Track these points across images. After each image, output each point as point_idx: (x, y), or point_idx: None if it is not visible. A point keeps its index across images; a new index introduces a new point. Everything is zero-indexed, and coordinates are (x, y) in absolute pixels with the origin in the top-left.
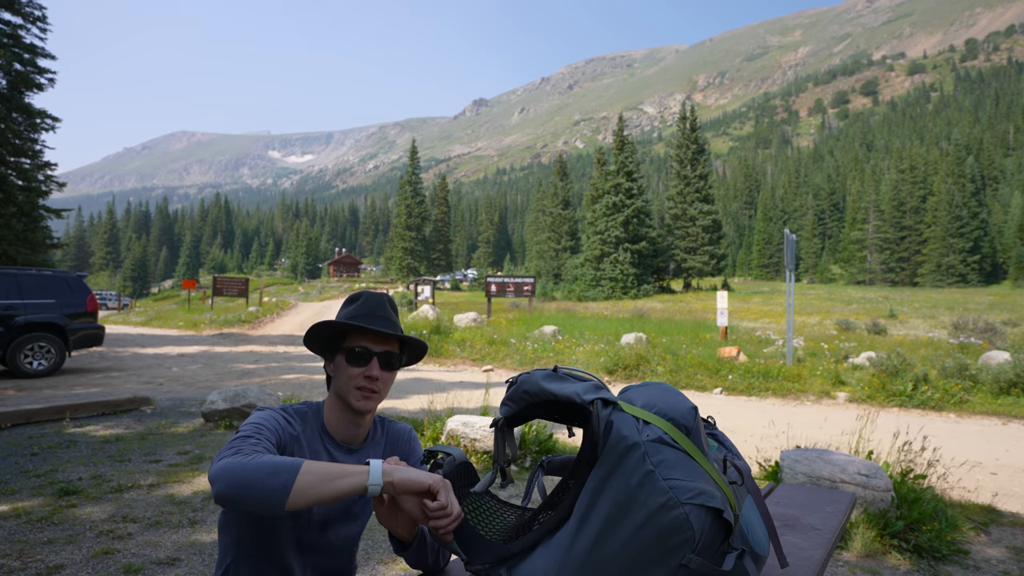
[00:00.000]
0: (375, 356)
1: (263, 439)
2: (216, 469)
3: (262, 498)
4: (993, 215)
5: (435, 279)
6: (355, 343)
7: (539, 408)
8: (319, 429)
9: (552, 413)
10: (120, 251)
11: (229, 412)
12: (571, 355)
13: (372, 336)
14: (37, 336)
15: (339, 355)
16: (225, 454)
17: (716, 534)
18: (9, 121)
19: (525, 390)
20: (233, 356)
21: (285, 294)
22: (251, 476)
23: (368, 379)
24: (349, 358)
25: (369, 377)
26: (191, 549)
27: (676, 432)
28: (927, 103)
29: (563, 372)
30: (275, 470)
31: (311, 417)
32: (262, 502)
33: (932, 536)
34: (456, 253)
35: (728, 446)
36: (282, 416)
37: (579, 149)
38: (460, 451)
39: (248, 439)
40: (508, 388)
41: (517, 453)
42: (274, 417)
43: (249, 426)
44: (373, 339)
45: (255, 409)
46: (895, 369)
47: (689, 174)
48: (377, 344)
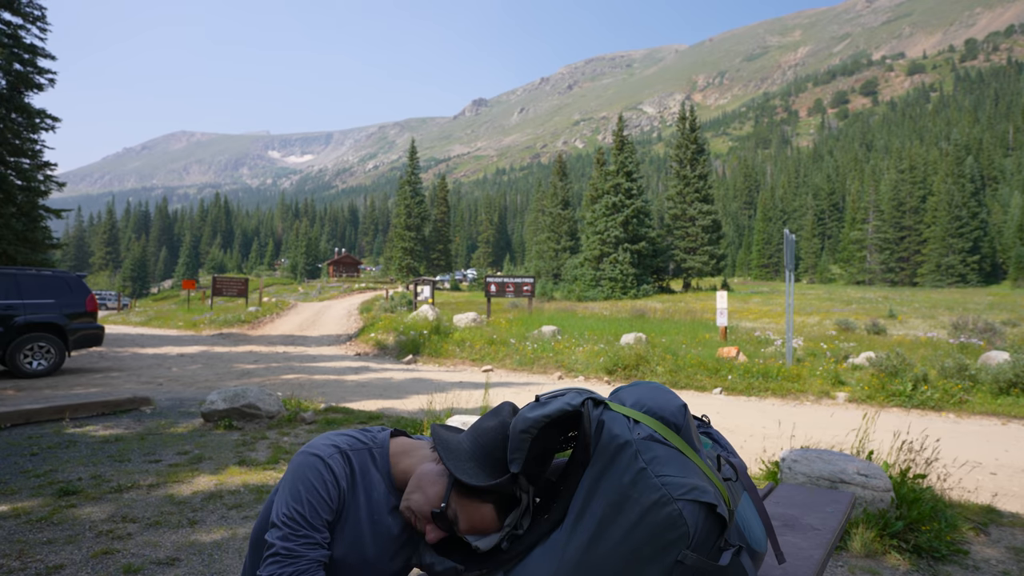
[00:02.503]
0: (448, 523)
1: (306, 558)
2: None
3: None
4: (993, 215)
5: (435, 279)
6: (441, 506)
7: (543, 441)
8: (385, 475)
9: (559, 440)
10: (120, 251)
11: (229, 412)
12: (570, 355)
13: (478, 513)
14: (37, 336)
15: (474, 500)
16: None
17: (711, 530)
18: (9, 121)
19: (521, 431)
20: (233, 356)
21: (285, 294)
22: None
23: (424, 533)
24: (440, 521)
25: (427, 537)
26: (191, 549)
27: (666, 430)
28: (927, 103)
29: (545, 397)
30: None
31: (378, 457)
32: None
33: (931, 536)
34: (456, 253)
35: (723, 444)
36: (330, 475)
37: (579, 149)
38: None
39: (289, 562)
40: (510, 443)
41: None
42: (318, 490)
43: (288, 526)
44: (475, 521)
45: (302, 455)
46: (895, 369)
47: (689, 174)
48: (469, 526)
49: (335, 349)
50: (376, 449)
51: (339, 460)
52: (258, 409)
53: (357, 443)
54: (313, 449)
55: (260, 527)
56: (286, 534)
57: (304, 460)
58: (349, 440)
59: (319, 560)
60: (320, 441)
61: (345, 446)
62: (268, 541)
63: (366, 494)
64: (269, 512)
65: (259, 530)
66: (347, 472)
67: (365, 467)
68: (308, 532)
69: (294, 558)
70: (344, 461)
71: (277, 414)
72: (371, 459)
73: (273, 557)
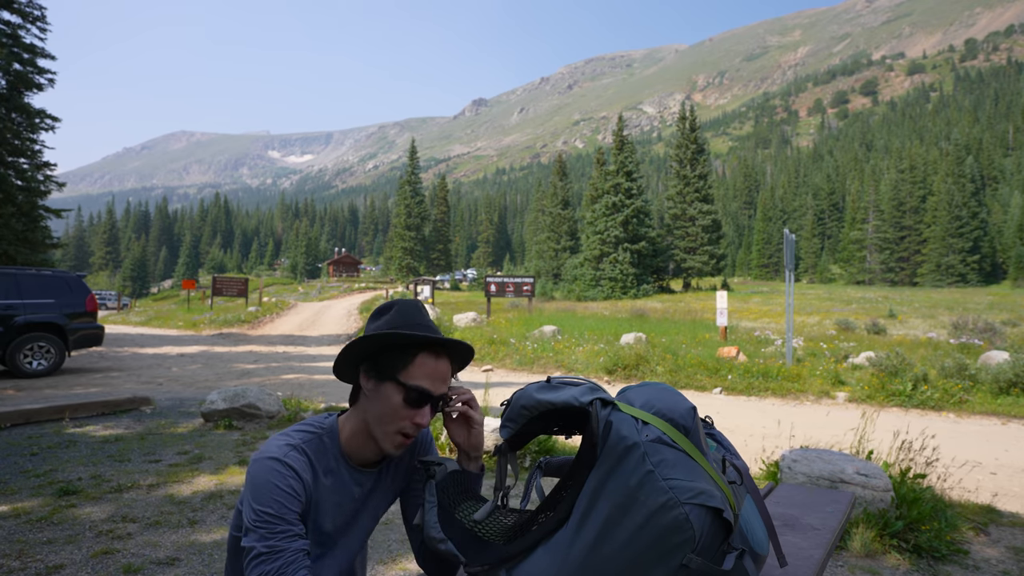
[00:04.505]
0: (431, 401)
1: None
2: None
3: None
4: (993, 215)
5: (434, 279)
6: (417, 381)
7: (538, 422)
8: (337, 454)
9: (551, 426)
10: (120, 251)
11: (229, 412)
12: (571, 355)
13: (437, 373)
14: (37, 336)
15: (389, 384)
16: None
17: (716, 534)
18: (8, 121)
19: (522, 405)
20: (233, 356)
21: (285, 294)
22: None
23: (416, 425)
24: (407, 398)
25: (418, 424)
26: (191, 549)
27: (675, 432)
28: (927, 103)
29: (556, 381)
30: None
31: (327, 442)
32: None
33: (931, 536)
34: (456, 253)
35: (726, 446)
36: (290, 471)
37: (579, 149)
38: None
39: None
40: (504, 409)
41: (518, 476)
42: (282, 488)
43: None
44: (436, 377)
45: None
46: (894, 369)
47: (688, 174)
48: (439, 385)
49: (335, 349)
50: (326, 435)
51: (295, 455)
52: (258, 409)
53: (307, 435)
54: (266, 453)
55: (234, 535)
56: (263, 534)
57: (260, 466)
58: (299, 434)
59: (302, 549)
60: (271, 444)
61: (297, 440)
62: (246, 547)
63: (328, 478)
64: (240, 520)
65: (234, 538)
66: (306, 463)
67: (321, 453)
68: (284, 527)
69: (277, 553)
70: (300, 454)
71: (277, 414)
72: (324, 444)
73: (256, 559)
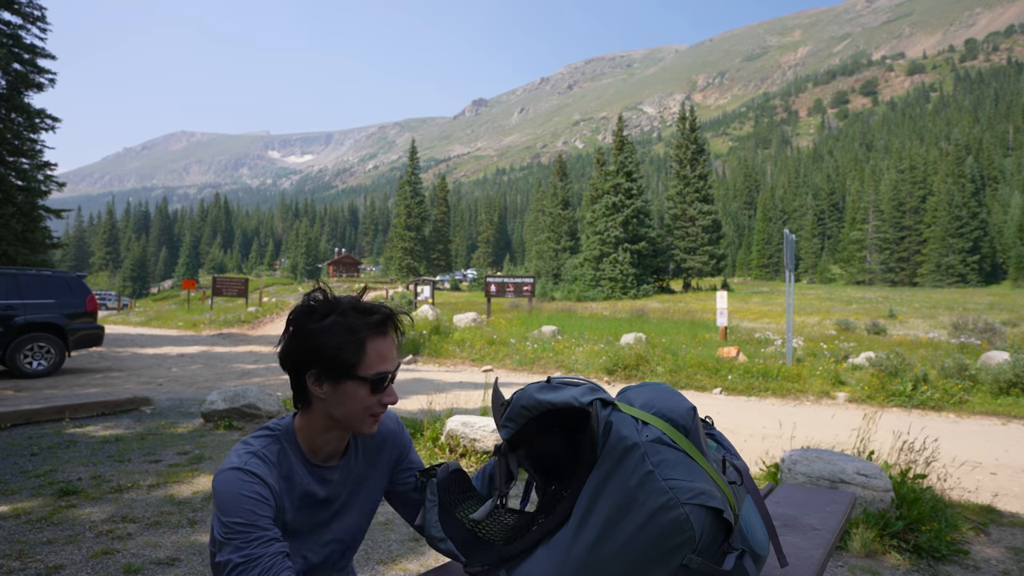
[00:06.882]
0: (390, 375)
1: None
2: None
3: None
4: (993, 215)
5: (435, 279)
6: (375, 367)
7: (537, 423)
8: (296, 455)
9: (551, 427)
10: (120, 251)
11: (229, 412)
12: (571, 355)
13: (388, 349)
14: (37, 336)
15: (348, 383)
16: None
17: (716, 534)
18: (8, 121)
19: (522, 405)
20: (233, 356)
21: (285, 294)
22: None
23: (385, 404)
24: (373, 388)
25: (387, 403)
26: (191, 549)
27: (675, 432)
28: (927, 103)
29: (557, 381)
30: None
31: (285, 445)
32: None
33: (932, 536)
34: (456, 253)
35: (726, 446)
36: (254, 478)
37: (579, 149)
38: (453, 461)
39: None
40: (504, 409)
41: (518, 476)
42: (249, 496)
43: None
44: (389, 354)
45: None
46: (895, 369)
47: (688, 174)
48: (393, 358)
49: None
50: (283, 435)
51: (256, 462)
52: (258, 409)
53: (265, 439)
54: (228, 464)
55: (212, 550)
56: (237, 545)
57: (223, 478)
58: (258, 440)
59: (280, 552)
60: (231, 454)
61: (257, 446)
62: (221, 562)
63: (291, 479)
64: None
65: (213, 554)
66: (268, 468)
67: (281, 455)
68: (258, 533)
69: (255, 560)
70: (261, 460)
71: (277, 414)
72: (282, 445)
73: (235, 571)
